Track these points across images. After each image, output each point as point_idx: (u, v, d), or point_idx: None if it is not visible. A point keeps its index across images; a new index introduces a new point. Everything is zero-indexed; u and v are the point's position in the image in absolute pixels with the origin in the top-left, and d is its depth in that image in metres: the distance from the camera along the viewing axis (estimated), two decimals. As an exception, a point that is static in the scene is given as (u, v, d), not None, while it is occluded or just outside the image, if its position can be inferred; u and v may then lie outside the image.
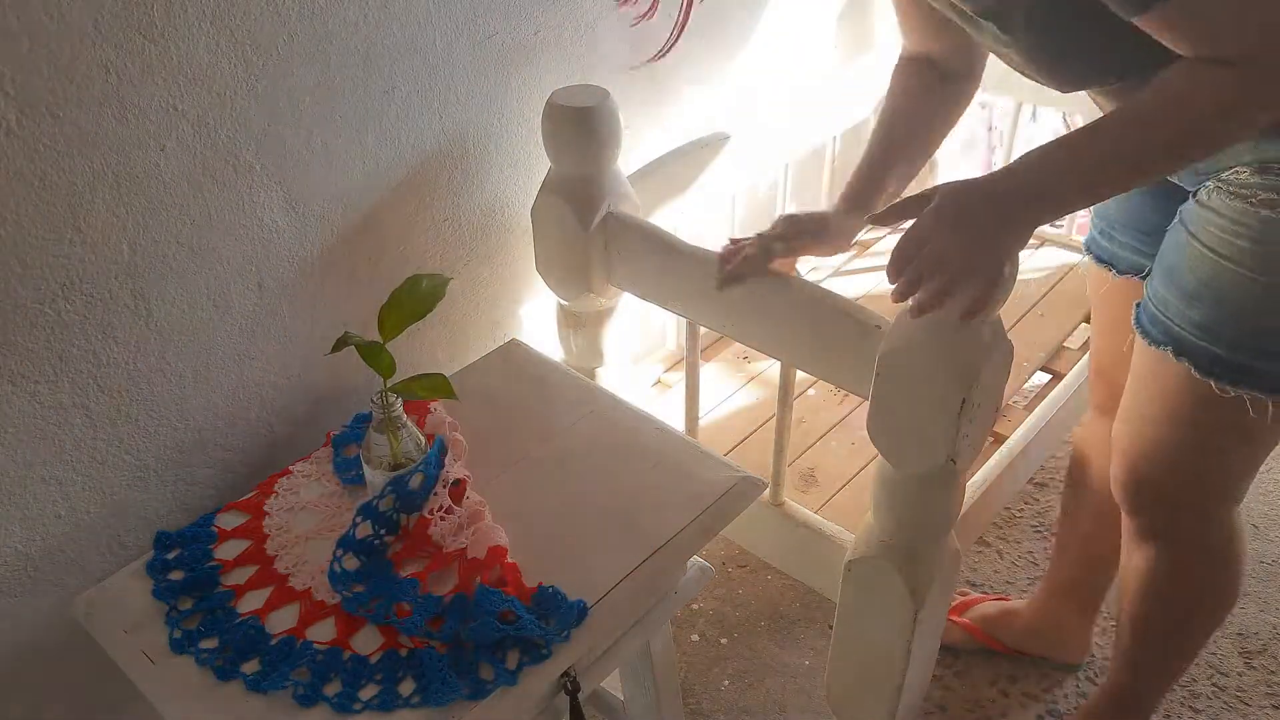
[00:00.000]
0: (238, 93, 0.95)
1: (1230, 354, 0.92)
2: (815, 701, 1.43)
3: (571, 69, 1.31)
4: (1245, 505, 1.12)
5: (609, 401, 1.16)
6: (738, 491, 1.04)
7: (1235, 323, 0.92)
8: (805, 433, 1.73)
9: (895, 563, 1.06)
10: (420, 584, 0.93)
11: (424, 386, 0.95)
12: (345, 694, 0.85)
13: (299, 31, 0.97)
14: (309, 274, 1.10)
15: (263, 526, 1.01)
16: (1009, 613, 1.48)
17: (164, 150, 0.92)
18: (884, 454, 1.02)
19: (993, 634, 1.47)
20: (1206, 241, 0.92)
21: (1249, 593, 1.60)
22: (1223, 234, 0.91)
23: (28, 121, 0.81)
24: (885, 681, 1.16)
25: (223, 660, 0.88)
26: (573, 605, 0.90)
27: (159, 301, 0.97)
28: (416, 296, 0.96)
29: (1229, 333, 0.92)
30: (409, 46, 1.09)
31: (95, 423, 0.97)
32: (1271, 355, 0.91)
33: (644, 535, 0.98)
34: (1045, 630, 1.44)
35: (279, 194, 1.03)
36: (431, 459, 0.98)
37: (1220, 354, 0.93)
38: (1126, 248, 1.13)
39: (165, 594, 0.95)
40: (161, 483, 1.05)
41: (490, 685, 0.85)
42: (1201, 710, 1.42)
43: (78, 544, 1.00)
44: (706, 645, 1.51)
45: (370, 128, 1.09)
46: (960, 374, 0.91)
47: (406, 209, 1.18)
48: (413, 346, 1.27)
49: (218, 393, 1.06)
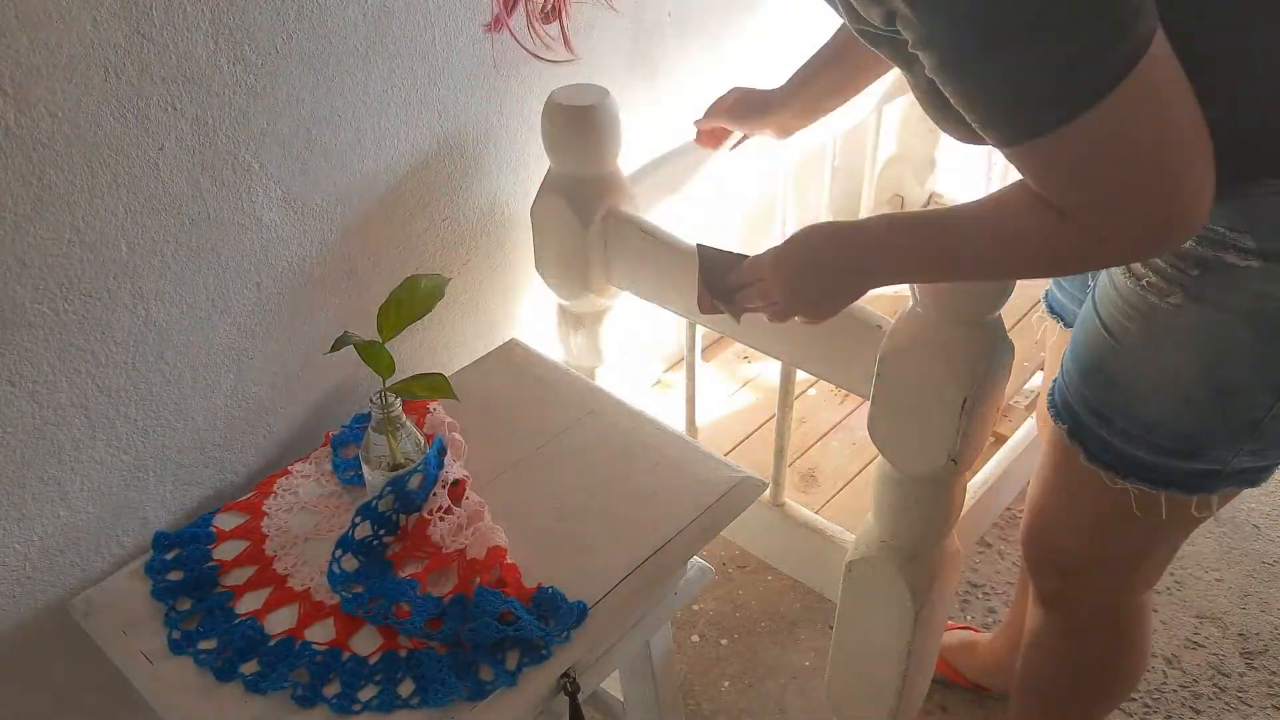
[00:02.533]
0: (237, 92, 0.95)
1: (1120, 443, 0.86)
2: (815, 702, 1.43)
3: (571, 69, 1.30)
4: (1245, 505, 1.11)
5: (609, 401, 1.16)
6: (738, 492, 1.03)
7: (1125, 410, 0.85)
8: (806, 433, 1.72)
9: (896, 563, 1.06)
10: (419, 584, 0.93)
11: (423, 386, 0.95)
12: (344, 695, 0.85)
13: (299, 31, 0.97)
14: (308, 274, 1.10)
15: (261, 527, 1.01)
16: (971, 645, 1.44)
17: (162, 150, 0.91)
18: (884, 454, 1.02)
19: (953, 664, 1.44)
20: (1104, 318, 0.86)
21: (1250, 592, 1.60)
22: (1117, 313, 0.84)
23: (26, 121, 0.81)
24: (886, 682, 1.16)
25: (221, 661, 0.88)
26: (572, 606, 0.90)
27: (157, 301, 0.97)
28: (416, 296, 0.96)
29: (1120, 420, 0.86)
30: (409, 46, 1.09)
31: (94, 423, 0.96)
32: (1161, 449, 0.85)
33: (644, 535, 0.98)
34: (1003, 668, 1.40)
35: (278, 193, 1.03)
36: (431, 459, 0.98)
37: (1110, 441, 0.87)
38: (1074, 300, 1.08)
39: (164, 594, 0.95)
40: (160, 483, 1.05)
41: (490, 686, 0.85)
42: (1203, 710, 1.42)
43: (76, 544, 1.00)
44: (706, 646, 1.51)
45: (370, 127, 1.09)
46: (960, 374, 0.91)
47: (406, 208, 1.18)
48: (412, 346, 1.27)
49: (216, 393, 1.06)
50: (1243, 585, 1.61)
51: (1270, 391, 0.79)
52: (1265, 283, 0.75)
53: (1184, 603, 1.58)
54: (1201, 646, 1.52)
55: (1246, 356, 0.79)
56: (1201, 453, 0.84)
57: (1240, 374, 0.80)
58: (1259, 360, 0.78)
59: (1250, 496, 1.74)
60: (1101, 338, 0.86)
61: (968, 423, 0.92)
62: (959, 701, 1.44)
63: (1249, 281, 0.76)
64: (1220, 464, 0.84)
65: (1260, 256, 0.74)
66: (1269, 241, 0.74)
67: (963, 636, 1.47)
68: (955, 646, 1.45)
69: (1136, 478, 0.87)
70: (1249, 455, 0.84)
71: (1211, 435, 0.83)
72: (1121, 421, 0.86)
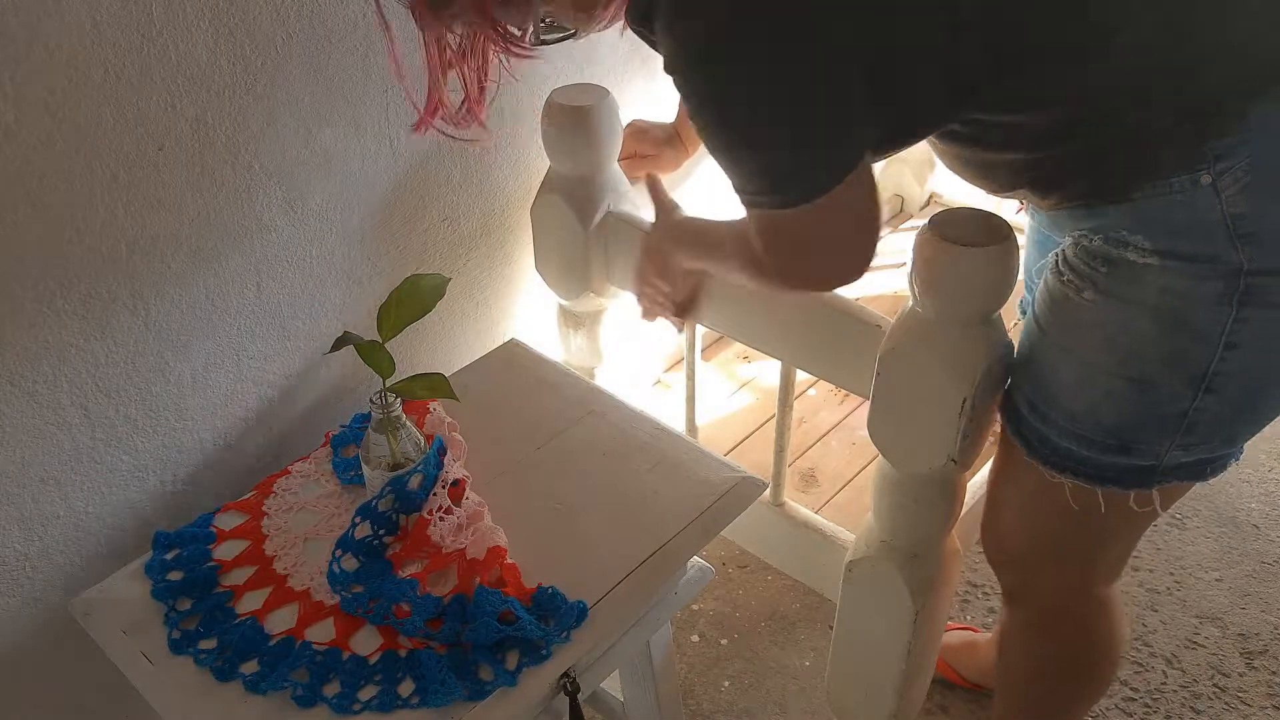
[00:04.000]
0: (236, 92, 0.95)
1: (1056, 437, 0.88)
2: (816, 702, 1.43)
3: (572, 69, 1.30)
4: (1245, 505, 1.11)
5: (609, 401, 1.16)
6: (738, 492, 1.03)
7: (1055, 404, 0.87)
8: (806, 433, 1.72)
9: (896, 563, 1.06)
10: (419, 584, 0.93)
11: (423, 386, 0.95)
12: (344, 695, 0.85)
13: (299, 31, 0.97)
14: (308, 273, 1.10)
15: (261, 527, 1.01)
16: (970, 645, 1.45)
17: (162, 150, 0.91)
18: (884, 454, 1.02)
19: (952, 664, 1.44)
20: (1037, 313, 0.88)
21: (1250, 593, 1.60)
22: (1044, 308, 0.87)
23: (26, 121, 0.81)
24: (886, 682, 1.16)
25: (221, 661, 0.88)
26: (572, 606, 0.90)
27: (157, 301, 0.97)
28: (416, 296, 0.96)
29: (1053, 414, 0.87)
30: (409, 45, 1.08)
31: (94, 423, 0.96)
32: (1093, 444, 0.86)
33: (644, 535, 0.98)
34: None
35: (278, 193, 1.03)
36: (431, 459, 0.98)
37: (1047, 435, 0.88)
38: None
39: (164, 594, 0.95)
40: (160, 483, 1.05)
41: (490, 686, 0.85)
42: (1203, 711, 1.42)
43: (76, 544, 1.00)
44: (706, 646, 1.51)
45: (369, 127, 1.09)
46: (960, 374, 0.91)
47: (406, 209, 1.18)
48: (412, 346, 1.27)
49: (216, 393, 1.06)
50: (1243, 585, 1.61)
51: (1188, 384, 0.80)
52: (1165, 278, 0.77)
53: (1184, 603, 1.58)
54: (1201, 646, 1.51)
55: (1156, 350, 0.80)
56: (1131, 447, 0.85)
57: (1153, 367, 0.81)
58: (1170, 354, 0.80)
59: (1250, 497, 1.75)
60: (1033, 331, 0.89)
61: (967, 423, 0.92)
62: (959, 701, 1.44)
63: (1151, 277, 0.78)
64: (1154, 458, 0.85)
65: (1156, 254, 0.77)
66: (1161, 241, 0.77)
67: (962, 636, 1.47)
68: (955, 646, 1.45)
69: (1072, 473, 0.88)
70: (1180, 450, 0.84)
71: (1138, 429, 0.84)
72: (1055, 416, 0.88)
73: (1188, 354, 0.79)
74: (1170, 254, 0.77)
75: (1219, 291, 0.76)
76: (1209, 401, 0.81)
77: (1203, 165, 0.73)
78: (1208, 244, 0.75)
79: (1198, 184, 0.74)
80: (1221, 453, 0.87)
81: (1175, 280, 0.77)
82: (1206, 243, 0.75)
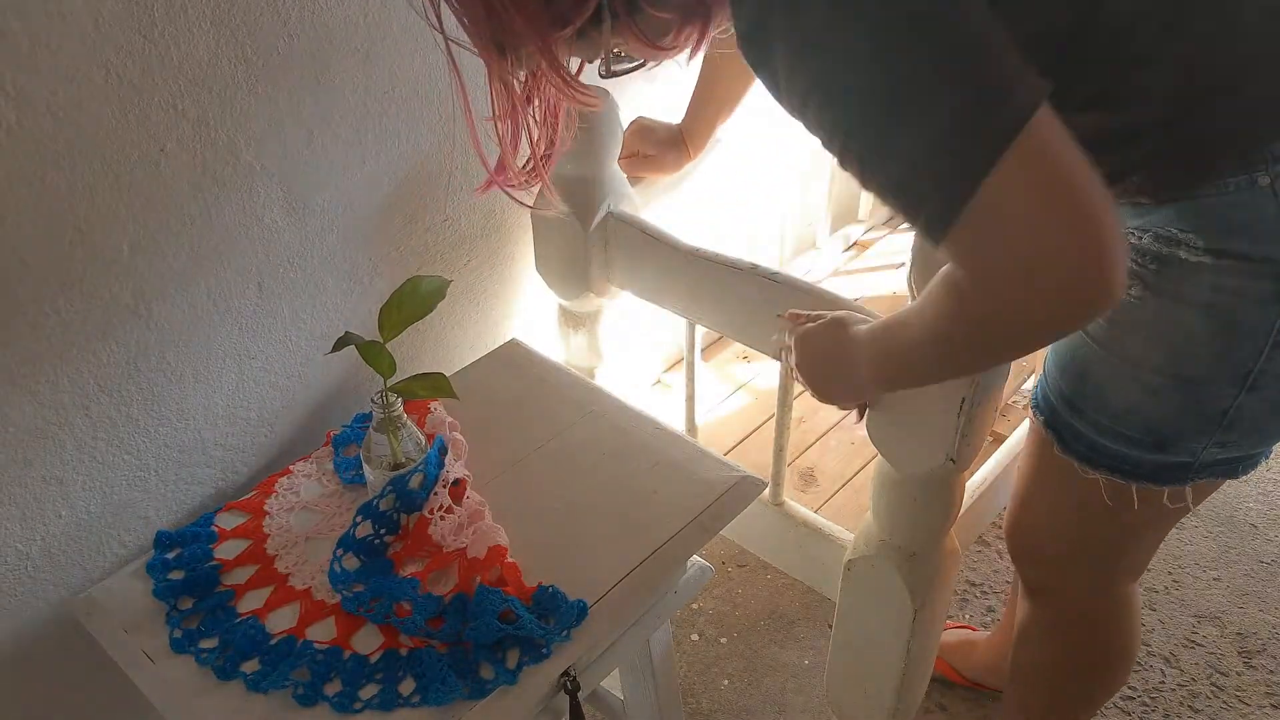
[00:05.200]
0: (238, 93, 0.95)
1: (1093, 434, 0.88)
2: (815, 701, 1.43)
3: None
4: (1243, 505, 1.11)
5: (609, 401, 1.16)
6: (737, 491, 1.04)
7: (1096, 402, 0.87)
8: (805, 432, 1.73)
9: (895, 562, 1.06)
10: (420, 584, 0.93)
11: (424, 386, 0.95)
12: (345, 693, 0.85)
13: (299, 31, 0.97)
14: (309, 274, 1.10)
15: (263, 526, 1.01)
16: (968, 643, 1.45)
17: (164, 150, 0.92)
18: (884, 454, 1.02)
19: (951, 663, 1.45)
20: None
21: (1248, 592, 1.60)
22: None
23: (27, 121, 0.81)
24: (885, 681, 1.16)
25: (223, 660, 0.88)
26: (573, 605, 0.90)
27: (159, 301, 0.97)
28: (417, 297, 0.96)
29: (1091, 412, 0.88)
30: (410, 46, 1.09)
31: (95, 422, 0.97)
32: (1131, 441, 0.86)
33: (644, 535, 0.98)
34: (1000, 666, 1.39)
35: (279, 194, 1.03)
36: (431, 459, 0.98)
37: (1083, 432, 0.89)
38: None
39: (165, 594, 0.95)
40: (161, 482, 1.05)
41: (490, 685, 0.85)
42: (1201, 710, 1.43)
43: (78, 544, 1.00)
44: (706, 645, 1.52)
45: (371, 127, 1.09)
46: (960, 374, 0.91)
47: (407, 209, 1.18)
48: (413, 346, 1.27)
49: (218, 392, 1.06)
50: (1241, 585, 1.61)
51: (1233, 382, 0.80)
52: (1218, 276, 0.77)
53: (1182, 602, 1.58)
54: (1199, 646, 1.52)
55: (1206, 348, 0.80)
56: (1170, 444, 0.85)
57: (1201, 365, 0.81)
58: (1218, 351, 0.80)
59: (1248, 496, 1.75)
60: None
61: (966, 422, 0.92)
62: (958, 700, 1.44)
63: (1203, 275, 0.77)
64: (1190, 455, 0.86)
65: (1210, 254, 0.77)
66: (1215, 241, 0.76)
67: (961, 635, 1.47)
68: (954, 645, 1.45)
69: (1108, 469, 0.89)
70: (1217, 446, 0.85)
71: (1178, 426, 0.84)
72: (1093, 413, 0.87)
73: (1235, 352, 0.79)
74: (1224, 253, 0.76)
75: (1271, 291, 0.76)
76: (1250, 400, 0.81)
77: (1261, 167, 0.73)
78: (1263, 244, 0.75)
79: (1255, 185, 0.73)
80: (1255, 450, 0.88)
81: (1227, 279, 0.77)
82: (1261, 243, 0.75)
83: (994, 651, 1.41)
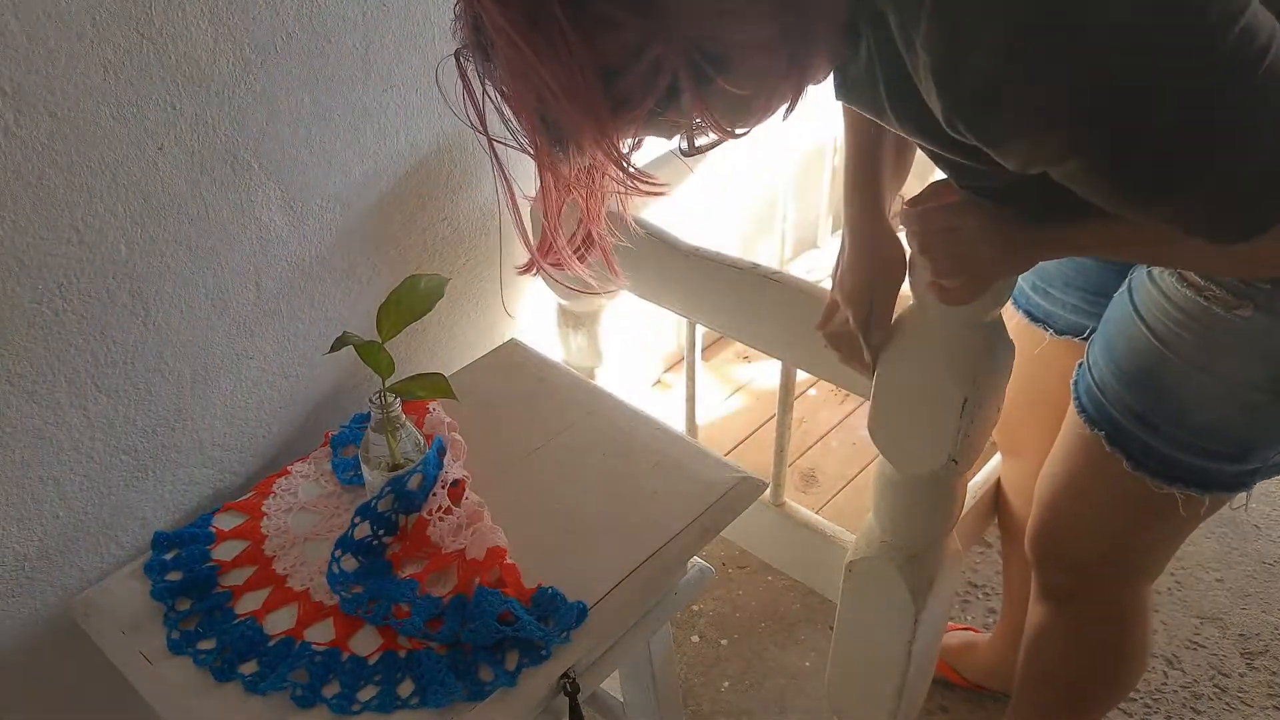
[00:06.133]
0: (236, 92, 0.95)
1: (1168, 449, 0.87)
2: (816, 703, 1.43)
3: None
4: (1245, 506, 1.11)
5: (609, 401, 1.16)
6: (738, 492, 1.03)
7: (1175, 417, 0.86)
8: (806, 433, 1.72)
9: (896, 563, 1.06)
10: (419, 585, 0.93)
11: (423, 386, 0.95)
12: (344, 695, 0.85)
13: (298, 30, 0.97)
14: (307, 273, 1.10)
15: (261, 527, 1.01)
16: (970, 645, 1.45)
17: (162, 149, 0.91)
18: (885, 454, 1.02)
19: (952, 665, 1.44)
20: (1151, 325, 0.86)
21: (1250, 593, 1.59)
22: (1168, 321, 0.85)
23: (26, 121, 0.81)
24: (886, 682, 1.15)
25: (221, 661, 0.88)
26: (572, 606, 0.90)
27: (157, 301, 0.97)
28: (415, 296, 0.96)
29: (1168, 427, 0.87)
30: (408, 45, 1.08)
31: (93, 423, 0.96)
32: (1211, 454, 0.86)
33: (644, 535, 0.98)
34: (1002, 668, 1.40)
35: (277, 193, 1.03)
36: (430, 459, 0.98)
37: (1156, 447, 0.88)
38: (1067, 306, 1.07)
39: (163, 595, 0.94)
40: (159, 483, 1.05)
41: (489, 686, 0.85)
42: (1203, 711, 1.42)
43: (75, 544, 1.00)
44: (706, 646, 1.51)
45: (369, 127, 1.09)
46: (961, 374, 0.91)
47: (405, 208, 1.18)
48: (411, 346, 1.27)
49: (215, 393, 1.06)
50: (1243, 586, 1.61)
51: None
52: None
53: (1184, 603, 1.58)
54: (1202, 647, 1.51)
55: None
56: (1252, 454, 0.86)
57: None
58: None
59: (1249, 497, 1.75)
60: (1150, 345, 0.86)
61: (968, 423, 0.92)
62: (959, 702, 1.44)
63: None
64: (1260, 462, 0.87)
65: None
66: None
67: (963, 637, 1.47)
68: (955, 647, 1.45)
69: (1184, 483, 0.88)
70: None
71: (1265, 438, 0.85)
72: (1170, 428, 0.87)
73: None
74: None
75: None
76: None
77: None
78: None
79: None
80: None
81: None
82: None
83: (995, 653, 1.41)
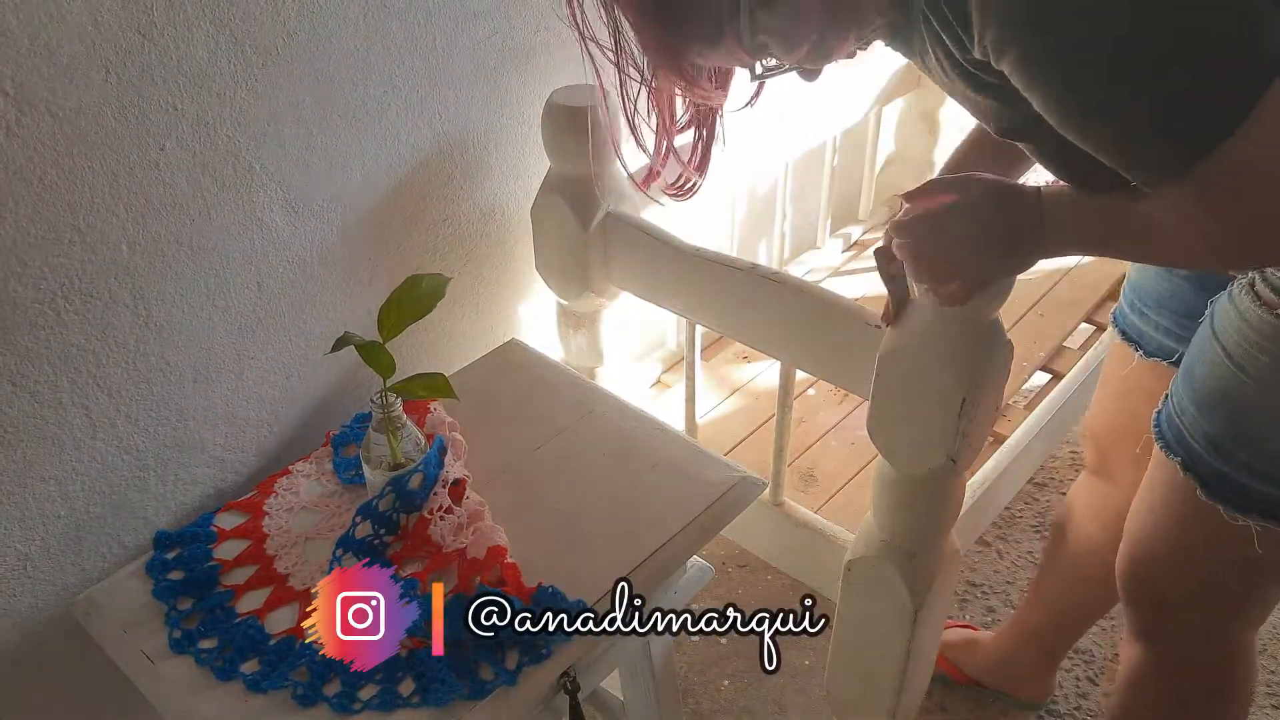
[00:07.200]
0: (237, 92, 0.95)
1: (1244, 478, 0.83)
2: (815, 701, 1.43)
3: (572, 69, 1.30)
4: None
5: (609, 401, 1.16)
6: (737, 491, 1.03)
7: (1252, 445, 0.82)
8: (805, 432, 1.73)
9: (895, 563, 1.06)
10: (420, 584, 0.93)
11: (424, 386, 0.95)
12: (344, 694, 0.85)
13: (299, 31, 0.97)
14: (308, 273, 1.10)
15: (262, 526, 1.01)
16: (972, 642, 1.45)
17: (163, 150, 0.91)
18: (884, 454, 1.02)
19: (953, 661, 1.44)
20: (1229, 348, 0.83)
21: (1249, 593, 1.59)
22: (1245, 343, 0.81)
23: (27, 121, 0.81)
24: (885, 681, 1.16)
25: (222, 660, 0.88)
26: (572, 605, 0.90)
27: (158, 301, 0.97)
28: (416, 296, 0.96)
29: (1244, 455, 0.83)
30: (409, 46, 1.09)
31: (94, 422, 0.96)
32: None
33: (644, 535, 0.98)
34: (1005, 667, 1.41)
35: (278, 193, 1.03)
36: (431, 459, 0.98)
37: (1232, 476, 0.84)
38: (1159, 329, 1.04)
39: (165, 594, 0.95)
40: (161, 482, 1.05)
41: (490, 685, 0.85)
42: (1201, 710, 1.42)
43: (77, 544, 1.00)
44: (706, 645, 1.51)
45: (370, 127, 1.09)
46: (960, 374, 0.91)
47: (406, 208, 1.18)
48: (412, 346, 1.27)
49: (217, 392, 1.06)
50: (1242, 585, 1.61)
51: None
52: None
53: (1183, 602, 1.58)
54: (1200, 646, 1.51)
55: None
56: None
57: None
58: None
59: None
60: (1226, 369, 0.84)
61: (967, 423, 0.92)
62: (958, 700, 1.44)
63: None
64: None
65: None
66: None
67: (963, 634, 1.47)
68: (956, 644, 1.46)
69: (1260, 514, 0.84)
70: None
71: None
72: (1246, 455, 0.83)
73: None
74: None
75: None
76: None
77: None
78: None
79: None
80: None
81: None
82: None
83: (997, 651, 1.41)
